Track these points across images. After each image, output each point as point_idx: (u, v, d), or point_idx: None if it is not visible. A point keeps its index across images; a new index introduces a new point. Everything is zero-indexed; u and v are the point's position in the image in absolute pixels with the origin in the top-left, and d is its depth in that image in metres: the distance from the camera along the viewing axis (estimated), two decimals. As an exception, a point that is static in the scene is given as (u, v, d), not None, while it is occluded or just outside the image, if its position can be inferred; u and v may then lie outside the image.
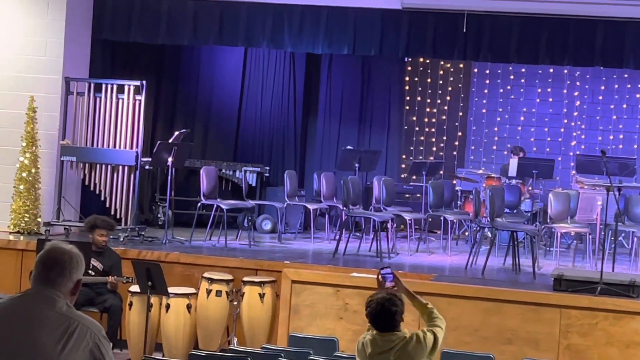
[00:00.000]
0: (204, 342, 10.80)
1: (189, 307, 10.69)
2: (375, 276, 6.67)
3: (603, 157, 11.56)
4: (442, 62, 17.41)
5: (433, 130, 17.54)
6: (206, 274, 11.04)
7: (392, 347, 6.07)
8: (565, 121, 17.16)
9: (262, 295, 10.87)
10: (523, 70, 17.16)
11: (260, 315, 10.89)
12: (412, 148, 17.56)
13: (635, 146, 16.77)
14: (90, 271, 10.60)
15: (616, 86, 16.96)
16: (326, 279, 10.63)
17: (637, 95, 16.89)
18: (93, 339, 3.89)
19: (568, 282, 10.31)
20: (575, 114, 17.11)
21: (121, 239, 12.64)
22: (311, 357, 7.52)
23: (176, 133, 14.21)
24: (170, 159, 13.00)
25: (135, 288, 10.46)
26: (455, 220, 14.45)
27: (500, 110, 17.40)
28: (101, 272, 10.71)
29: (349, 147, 15.90)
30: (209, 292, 10.83)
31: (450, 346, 9.28)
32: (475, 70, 17.46)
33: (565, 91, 17.14)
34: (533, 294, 10.17)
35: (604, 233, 12.57)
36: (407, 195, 16.55)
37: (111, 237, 11.34)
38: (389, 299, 6.16)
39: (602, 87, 17.01)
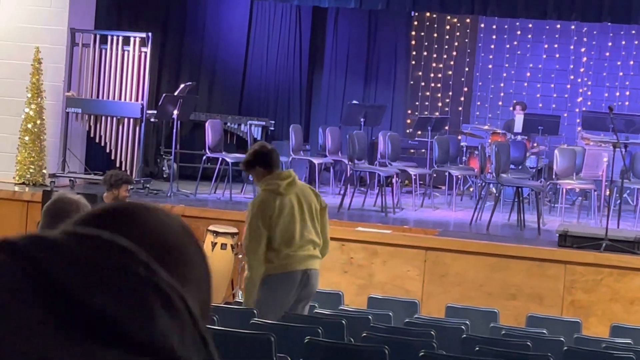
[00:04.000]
0: (209, 294, 10.81)
1: (193, 259, 10.68)
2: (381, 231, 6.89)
3: (610, 113, 11.52)
4: (448, 17, 17.32)
5: (439, 85, 17.49)
6: (211, 227, 11.03)
7: (293, 177, 6.97)
8: (572, 77, 17.09)
9: (267, 249, 10.87)
10: (530, 25, 17.06)
11: (265, 268, 10.90)
12: (417, 103, 17.51)
13: (642, 103, 16.73)
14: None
15: (623, 42, 16.88)
16: (331, 233, 10.60)
17: (645, 52, 16.83)
18: None
19: (573, 238, 10.33)
20: (582, 70, 17.03)
21: (126, 192, 12.64)
22: (317, 311, 7.54)
23: (182, 86, 14.16)
24: (175, 112, 12.97)
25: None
26: (460, 176, 14.43)
27: (507, 65, 17.34)
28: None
29: (354, 101, 15.87)
30: (214, 245, 10.83)
31: (455, 301, 9.32)
32: (482, 25, 17.37)
33: (572, 47, 17.05)
34: (538, 250, 10.20)
35: (610, 190, 12.56)
36: (412, 151, 16.54)
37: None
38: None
39: (610, 44, 16.93)
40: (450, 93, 17.46)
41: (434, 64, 17.49)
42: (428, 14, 17.25)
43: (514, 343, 6.54)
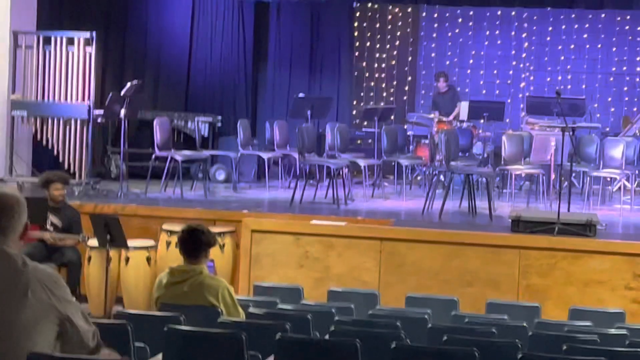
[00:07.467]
0: (165, 294, 10.76)
1: (148, 259, 10.65)
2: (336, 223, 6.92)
3: (558, 98, 11.59)
4: (390, 7, 17.38)
5: (383, 75, 17.56)
6: (165, 226, 10.97)
7: (187, 278, 6.68)
8: (514, 63, 17.25)
9: (222, 246, 10.82)
10: (471, 13, 17.18)
11: (221, 265, 10.84)
12: (362, 94, 17.57)
13: (584, 86, 16.92)
14: (49, 227, 10.37)
15: (563, 27, 17.07)
16: (286, 228, 10.65)
17: (584, 36, 17.01)
18: (49, 288, 3.87)
19: (526, 224, 10.42)
20: (524, 55, 17.21)
21: (76, 193, 12.54)
22: (280, 307, 7.53)
23: (128, 84, 14.00)
24: (123, 111, 12.87)
25: (93, 242, 10.36)
26: (409, 165, 14.48)
27: (449, 54, 17.44)
28: (60, 229, 10.46)
29: (301, 95, 15.85)
30: (168, 244, 10.78)
31: (412, 290, 9.36)
32: (424, 14, 17.47)
33: (513, 33, 17.22)
34: (492, 236, 10.28)
35: (558, 174, 12.70)
36: (359, 142, 16.57)
37: (66, 191, 11.07)
38: (198, 227, 6.82)
39: (550, 29, 17.10)
40: (395, 82, 17.55)
41: (377, 55, 17.55)
42: (370, 5, 17.29)
43: (479, 330, 6.60)
